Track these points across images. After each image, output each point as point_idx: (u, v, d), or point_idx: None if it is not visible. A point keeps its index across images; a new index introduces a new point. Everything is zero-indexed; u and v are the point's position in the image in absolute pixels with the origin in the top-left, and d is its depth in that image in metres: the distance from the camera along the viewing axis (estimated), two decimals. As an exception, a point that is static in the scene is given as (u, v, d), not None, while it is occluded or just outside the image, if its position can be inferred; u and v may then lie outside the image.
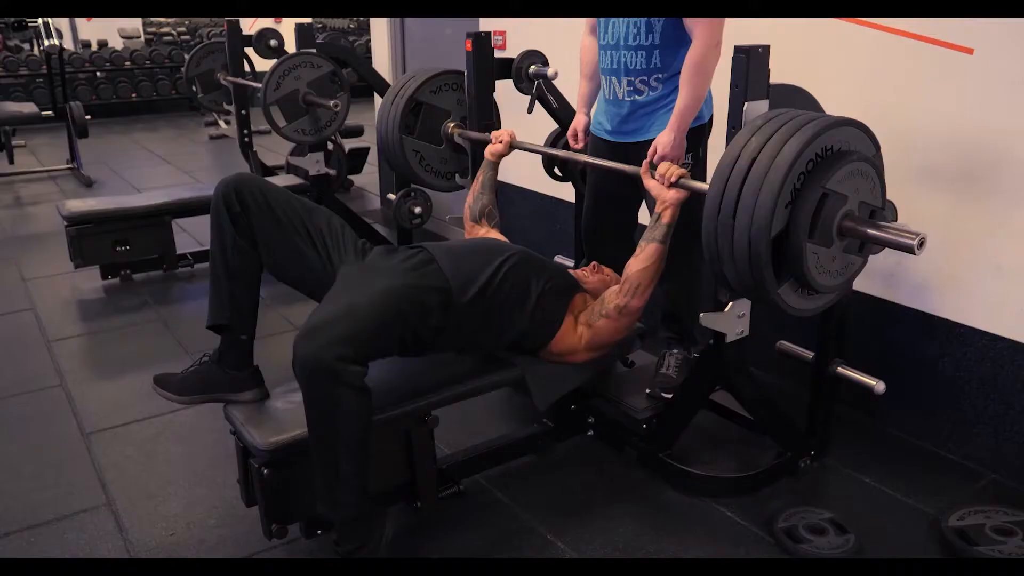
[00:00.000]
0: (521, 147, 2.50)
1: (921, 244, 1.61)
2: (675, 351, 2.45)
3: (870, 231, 1.68)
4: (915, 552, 1.96)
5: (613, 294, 2.07)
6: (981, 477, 2.27)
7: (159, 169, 6.77)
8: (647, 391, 2.38)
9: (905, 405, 2.46)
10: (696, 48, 2.07)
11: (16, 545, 2.04)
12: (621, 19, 2.17)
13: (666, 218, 1.97)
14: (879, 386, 2.09)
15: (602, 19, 2.26)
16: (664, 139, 2.12)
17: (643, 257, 2.00)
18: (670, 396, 2.32)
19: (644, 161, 2.03)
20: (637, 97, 2.24)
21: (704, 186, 1.79)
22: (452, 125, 2.79)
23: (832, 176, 1.65)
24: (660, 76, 2.19)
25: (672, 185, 1.95)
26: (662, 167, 1.97)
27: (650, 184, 2.00)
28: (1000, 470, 2.26)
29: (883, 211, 1.77)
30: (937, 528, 2.01)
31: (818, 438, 2.29)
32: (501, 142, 2.48)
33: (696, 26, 2.07)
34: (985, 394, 2.27)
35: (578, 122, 2.49)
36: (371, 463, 1.77)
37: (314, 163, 4.44)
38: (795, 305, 1.79)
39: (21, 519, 2.13)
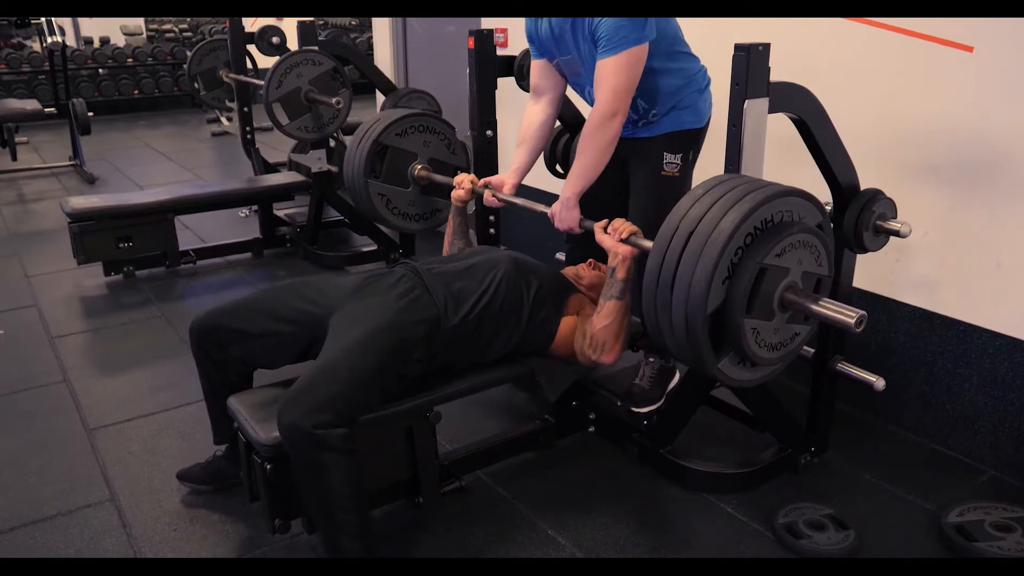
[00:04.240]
0: (480, 193, 2.42)
1: (860, 323, 1.59)
2: (651, 360, 2.38)
3: (811, 306, 1.65)
4: (915, 548, 1.97)
5: (585, 346, 2.06)
6: (981, 473, 2.28)
7: (161, 166, 6.78)
8: (617, 403, 2.36)
9: (905, 401, 2.47)
10: (591, 114, 2.04)
11: (20, 540, 2.05)
12: (594, 85, 2.09)
13: (621, 273, 1.96)
14: (879, 382, 2.09)
15: (578, 86, 2.25)
16: (554, 207, 2.14)
17: (604, 315, 2.00)
18: (640, 411, 2.31)
19: (602, 220, 2.02)
20: (643, 134, 2.23)
21: (651, 244, 1.75)
22: (419, 167, 2.75)
23: (771, 250, 1.61)
24: (655, 111, 2.17)
25: (623, 241, 1.94)
26: (615, 223, 1.97)
27: (602, 238, 1.99)
28: (1000, 466, 2.27)
29: (830, 279, 1.75)
30: (937, 524, 2.02)
31: (818, 434, 2.30)
32: (463, 188, 2.44)
33: (597, 90, 2.02)
34: (985, 391, 2.28)
35: (503, 179, 2.39)
36: (367, 506, 1.81)
37: (316, 160, 4.45)
38: (736, 377, 1.74)
39: (25, 514, 2.15)
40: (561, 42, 2.16)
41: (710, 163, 2.23)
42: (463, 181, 2.45)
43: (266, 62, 4.53)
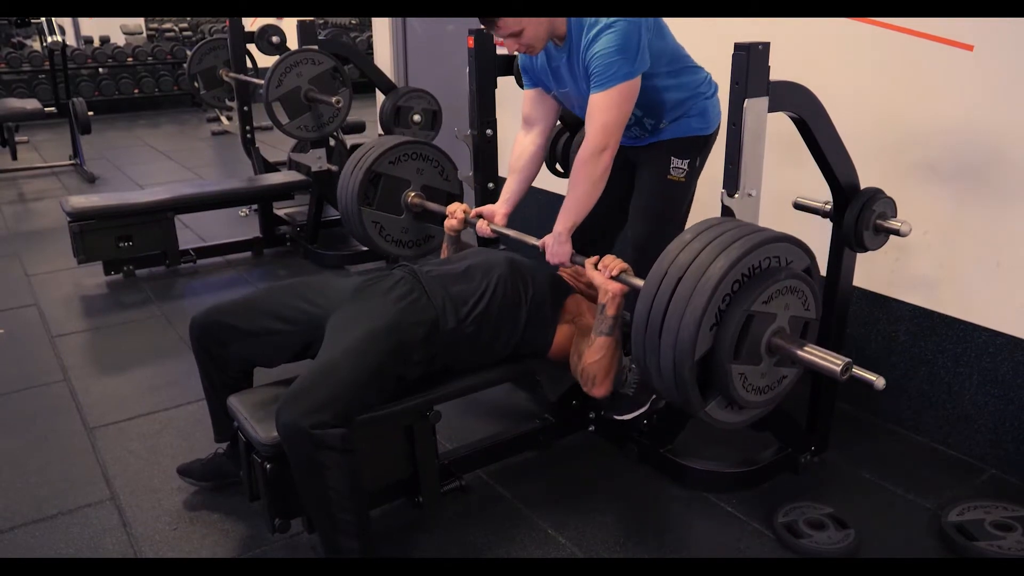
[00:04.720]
0: (472, 223, 2.42)
1: (845, 371, 1.60)
2: (635, 366, 2.40)
3: (798, 352, 1.66)
4: (915, 547, 1.97)
5: (577, 374, 2.06)
6: (981, 472, 2.28)
7: (161, 165, 6.78)
8: (601, 412, 2.37)
9: (905, 400, 2.47)
10: (581, 149, 2.04)
11: (21, 539, 2.05)
12: (585, 120, 2.10)
13: (611, 310, 1.96)
14: (879, 382, 2.07)
15: (577, 110, 2.24)
16: (546, 239, 2.15)
17: (594, 349, 2.00)
18: (622, 418, 2.31)
19: (593, 256, 2.01)
20: (651, 140, 2.25)
21: (641, 283, 1.75)
22: (412, 195, 2.75)
23: (758, 297, 1.61)
24: (660, 123, 2.18)
25: (613, 278, 1.94)
26: (605, 259, 1.97)
27: (592, 274, 1.99)
28: (1000, 465, 2.27)
29: (817, 322, 1.76)
30: (937, 523, 2.02)
31: (818, 434, 2.30)
32: (456, 218, 2.44)
33: (588, 125, 2.03)
34: (985, 389, 2.28)
35: (494, 210, 2.40)
36: (365, 505, 1.81)
37: (316, 159, 4.45)
38: (723, 419, 1.75)
39: (26, 513, 2.15)
40: (558, 75, 2.17)
41: (711, 163, 2.23)
42: (456, 211, 2.45)
43: (266, 61, 4.53)
